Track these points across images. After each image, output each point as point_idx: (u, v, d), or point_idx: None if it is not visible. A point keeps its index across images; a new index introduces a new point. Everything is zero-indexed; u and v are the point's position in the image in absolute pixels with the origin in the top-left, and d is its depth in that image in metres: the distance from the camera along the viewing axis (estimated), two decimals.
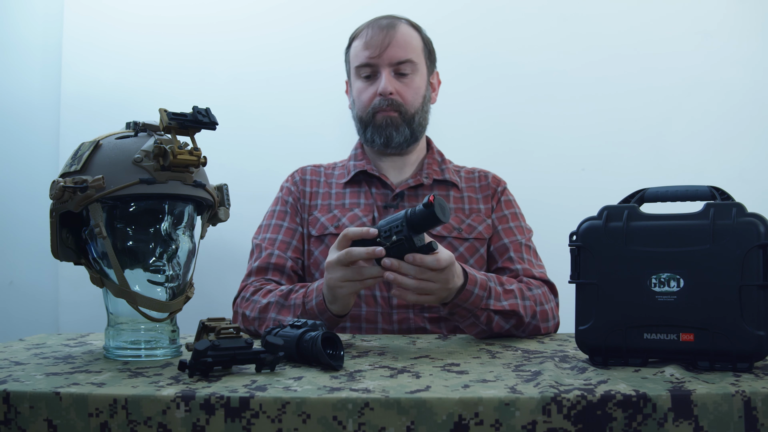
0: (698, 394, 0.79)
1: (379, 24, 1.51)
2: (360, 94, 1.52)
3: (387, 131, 1.50)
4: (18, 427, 0.81)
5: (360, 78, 1.52)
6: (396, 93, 1.49)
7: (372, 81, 1.51)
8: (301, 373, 0.93)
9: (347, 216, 1.49)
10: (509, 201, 1.56)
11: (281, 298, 1.32)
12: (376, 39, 1.48)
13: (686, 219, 0.95)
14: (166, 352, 1.06)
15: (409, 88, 1.51)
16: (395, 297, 1.27)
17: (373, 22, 1.53)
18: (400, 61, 1.49)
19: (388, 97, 1.48)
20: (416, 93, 1.52)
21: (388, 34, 1.49)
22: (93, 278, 1.08)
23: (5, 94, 2.11)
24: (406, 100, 1.50)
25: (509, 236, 1.49)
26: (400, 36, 1.50)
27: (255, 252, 1.49)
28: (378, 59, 1.48)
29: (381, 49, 1.48)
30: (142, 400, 0.80)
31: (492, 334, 1.28)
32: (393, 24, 1.51)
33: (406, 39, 1.50)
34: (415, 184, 1.52)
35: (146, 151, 1.01)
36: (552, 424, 0.77)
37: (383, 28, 1.50)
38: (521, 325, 1.30)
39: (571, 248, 1.01)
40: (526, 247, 1.49)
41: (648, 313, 0.94)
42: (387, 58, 1.48)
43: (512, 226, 1.51)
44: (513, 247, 1.47)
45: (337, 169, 1.60)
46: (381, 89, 1.48)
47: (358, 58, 1.51)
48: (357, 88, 1.53)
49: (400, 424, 0.77)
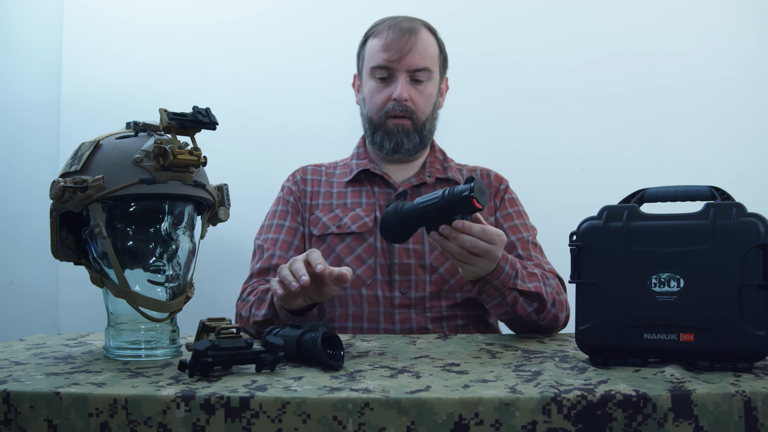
0: (698, 394, 0.79)
1: (400, 27, 1.49)
2: (373, 96, 1.51)
3: (398, 137, 1.49)
4: (18, 427, 0.81)
5: (374, 78, 1.51)
6: (410, 99, 1.48)
7: (387, 84, 1.50)
8: (301, 373, 0.93)
9: (349, 215, 1.49)
10: (513, 199, 1.56)
11: (262, 293, 1.34)
12: (397, 43, 1.47)
13: (686, 219, 0.95)
14: (166, 352, 1.06)
15: (423, 95, 1.50)
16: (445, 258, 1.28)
17: (393, 23, 1.50)
18: (418, 68, 1.48)
19: (403, 103, 1.48)
20: (428, 101, 1.52)
21: (409, 40, 1.47)
22: (93, 278, 1.08)
23: (5, 94, 2.11)
24: (419, 107, 1.50)
25: (516, 233, 1.49)
26: (420, 43, 1.48)
27: (257, 253, 1.49)
28: (397, 64, 1.47)
29: (401, 54, 1.46)
30: (142, 400, 0.80)
31: (515, 317, 1.29)
32: (414, 29, 1.49)
33: (425, 46, 1.49)
34: (418, 183, 1.52)
35: (146, 151, 1.01)
36: (552, 424, 0.77)
37: (405, 32, 1.48)
38: (543, 310, 1.30)
39: (571, 248, 1.01)
40: (533, 245, 1.49)
41: (648, 313, 0.94)
42: (406, 64, 1.47)
43: (518, 223, 1.51)
44: (521, 244, 1.47)
45: (339, 168, 1.60)
46: (397, 95, 1.47)
47: (375, 59, 1.50)
48: (370, 88, 1.52)
49: (400, 424, 0.77)
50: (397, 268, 1.44)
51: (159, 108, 0.98)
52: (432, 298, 1.43)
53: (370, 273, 1.44)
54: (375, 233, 1.47)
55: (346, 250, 1.46)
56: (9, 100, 2.11)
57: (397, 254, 1.44)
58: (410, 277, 1.43)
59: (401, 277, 1.43)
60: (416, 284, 1.43)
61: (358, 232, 1.46)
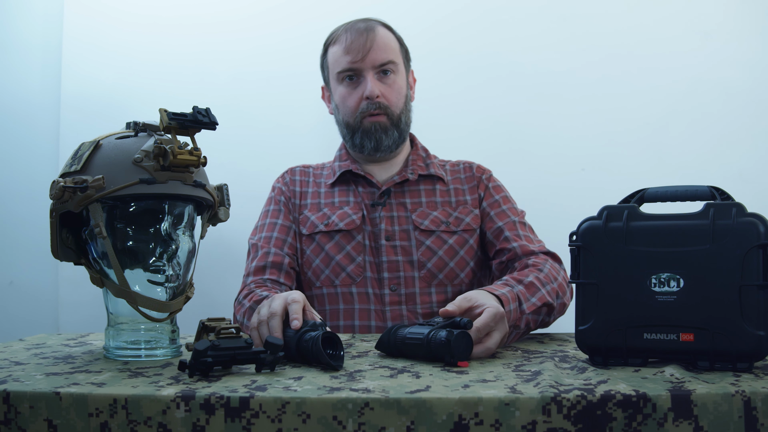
0: (698, 394, 0.79)
1: (356, 28, 1.51)
2: (345, 100, 1.53)
3: (377, 135, 1.50)
4: (18, 427, 0.81)
5: (343, 83, 1.53)
6: (381, 95, 1.50)
7: (356, 85, 1.51)
8: (301, 373, 0.93)
9: (337, 214, 1.50)
10: (498, 186, 1.57)
11: (254, 303, 1.33)
12: (357, 43, 1.49)
13: (686, 219, 0.95)
14: (166, 352, 1.06)
15: (393, 89, 1.52)
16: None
17: (348, 26, 1.53)
18: (383, 62, 1.50)
19: (375, 100, 1.49)
20: (399, 93, 1.53)
21: (368, 37, 1.49)
22: (93, 278, 1.08)
23: (5, 94, 2.11)
24: (391, 101, 1.51)
25: (503, 219, 1.50)
26: (379, 39, 1.50)
27: (252, 252, 1.50)
28: (361, 63, 1.49)
29: (363, 52, 1.48)
30: (142, 400, 0.80)
31: (532, 330, 1.29)
32: (371, 27, 1.52)
33: (385, 41, 1.52)
34: (401, 180, 1.53)
35: (146, 151, 1.01)
36: (552, 424, 0.77)
37: (362, 32, 1.50)
38: (552, 311, 1.31)
39: (571, 248, 1.01)
40: (521, 224, 1.50)
41: (648, 312, 0.94)
42: (370, 61, 1.49)
43: (505, 209, 1.52)
44: (507, 227, 1.48)
45: (325, 169, 1.61)
46: (368, 92, 1.48)
47: (340, 64, 1.51)
48: (340, 93, 1.53)
49: (400, 424, 0.77)
50: (386, 265, 1.45)
51: (159, 108, 0.98)
52: (422, 293, 1.44)
53: (359, 271, 1.45)
54: (363, 231, 1.48)
55: (335, 249, 1.47)
56: (9, 100, 2.11)
57: (385, 252, 1.45)
58: (399, 274, 1.44)
59: (390, 275, 1.44)
60: (405, 281, 1.44)
61: (346, 230, 1.48)
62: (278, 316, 1.08)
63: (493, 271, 1.50)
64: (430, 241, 1.47)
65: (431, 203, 1.52)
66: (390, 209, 1.50)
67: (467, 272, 1.47)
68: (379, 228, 1.48)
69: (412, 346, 1.04)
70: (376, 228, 1.48)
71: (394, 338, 1.06)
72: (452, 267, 1.46)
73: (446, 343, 0.99)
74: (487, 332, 1.08)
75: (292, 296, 1.10)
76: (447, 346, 0.99)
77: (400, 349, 1.06)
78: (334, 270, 1.46)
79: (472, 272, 1.48)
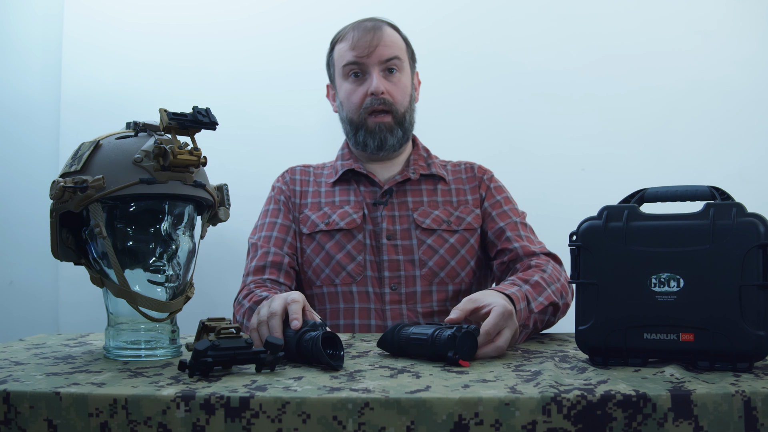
0: (698, 394, 0.79)
1: (364, 26, 1.53)
2: (350, 96, 1.53)
3: (381, 135, 1.51)
4: (18, 427, 0.81)
5: (348, 79, 1.53)
6: (386, 92, 1.50)
7: (361, 81, 1.52)
8: (301, 373, 0.93)
9: (337, 213, 1.50)
10: (499, 187, 1.58)
11: (254, 303, 1.33)
12: (364, 40, 1.50)
13: (686, 219, 0.95)
14: (166, 352, 1.06)
15: (398, 87, 1.52)
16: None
17: (356, 25, 1.55)
18: (389, 58, 1.51)
19: (380, 96, 1.49)
20: (404, 92, 1.54)
21: (375, 35, 1.50)
22: (93, 278, 1.08)
23: (5, 94, 2.11)
24: (396, 99, 1.52)
25: (504, 219, 1.50)
26: (386, 36, 1.52)
27: (251, 251, 1.50)
28: (367, 59, 1.50)
29: (370, 49, 1.49)
30: (142, 400, 0.80)
31: (539, 330, 1.29)
32: (378, 26, 1.53)
33: (392, 39, 1.53)
34: (403, 179, 1.54)
35: (146, 151, 1.01)
36: (552, 424, 0.77)
37: (369, 29, 1.51)
38: (557, 311, 1.31)
39: (571, 248, 1.01)
40: (522, 225, 1.50)
41: (648, 313, 0.94)
42: (376, 57, 1.50)
43: (506, 209, 1.53)
44: (509, 227, 1.49)
45: (326, 169, 1.61)
46: (373, 88, 1.49)
47: (345, 58, 1.52)
48: (345, 89, 1.54)
49: (400, 424, 0.77)
50: (386, 264, 1.45)
51: (159, 108, 0.98)
52: (423, 292, 1.44)
53: (360, 270, 1.45)
54: (363, 230, 1.48)
55: (336, 248, 1.47)
56: (9, 100, 2.11)
57: (386, 251, 1.46)
58: (400, 273, 1.45)
59: (391, 274, 1.44)
60: (406, 280, 1.44)
61: (347, 229, 1.48)
62: (278, 316, 1.08)
63: (494, 272, 1.50)
64: (431, 240, 1.47)
65: (433, 202, 1.52)
66: (392, 208, 1.50)
67: (468, 271, 1.47)
68: (380, 227, 1.48)
69: (416, 345, 1.04)
70: (378, 227, 1.48)
71: (398, 337, 1.06)
72: (453, 266, 1.46)
73: (452, 338, 0.99)
74: (498, 332, 1.08)
75: (291, 296, 1.10)
76: (452, 341, 0.99)
77: (403, 348, 1.06)
78: (334, 269, 1.46)
79: (472, 271, 1.48)
